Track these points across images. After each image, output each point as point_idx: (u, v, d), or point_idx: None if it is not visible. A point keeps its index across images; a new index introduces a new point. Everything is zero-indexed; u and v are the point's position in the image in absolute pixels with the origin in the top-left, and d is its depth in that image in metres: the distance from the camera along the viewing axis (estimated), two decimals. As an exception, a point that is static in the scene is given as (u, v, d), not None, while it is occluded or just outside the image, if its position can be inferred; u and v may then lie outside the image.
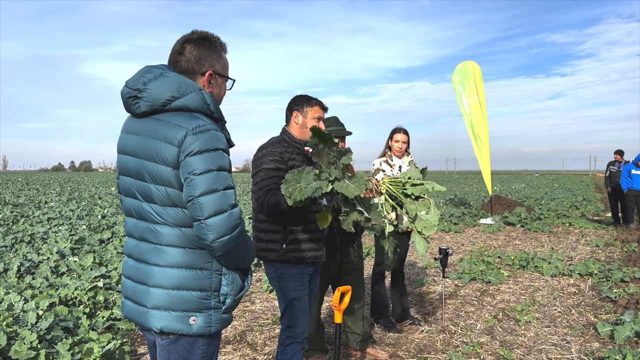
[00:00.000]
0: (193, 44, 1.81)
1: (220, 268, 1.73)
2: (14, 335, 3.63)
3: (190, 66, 1.79)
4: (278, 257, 2.70)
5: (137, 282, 1.75)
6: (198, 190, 1.59)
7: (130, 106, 1.74)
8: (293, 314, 2.73)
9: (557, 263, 6.99)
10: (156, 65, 1.79)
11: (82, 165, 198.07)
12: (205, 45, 1.82)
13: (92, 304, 4.70)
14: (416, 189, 2.72)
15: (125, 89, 1.74)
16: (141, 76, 1.73)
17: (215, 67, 1.83)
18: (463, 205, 17.05)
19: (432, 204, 2.74)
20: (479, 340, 4.19)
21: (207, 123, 1.66)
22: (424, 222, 2.70)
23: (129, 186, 1.77)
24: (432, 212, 2.73)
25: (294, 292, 2.72)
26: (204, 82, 1.81)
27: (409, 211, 2.72)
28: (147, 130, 1.70)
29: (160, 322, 1.68)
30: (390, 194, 2.78)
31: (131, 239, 1.80)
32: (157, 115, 1.71)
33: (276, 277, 2.75)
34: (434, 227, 2.71)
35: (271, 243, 2.71)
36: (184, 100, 1.69)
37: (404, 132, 4.49)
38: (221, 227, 1.60)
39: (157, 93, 1.68)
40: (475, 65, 12.81)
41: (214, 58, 1.83)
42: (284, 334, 2.76)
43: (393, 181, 2.79)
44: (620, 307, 5.00)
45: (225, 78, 1.88)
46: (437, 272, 6.78)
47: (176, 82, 1.70)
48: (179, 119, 1.66)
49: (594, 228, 11.39)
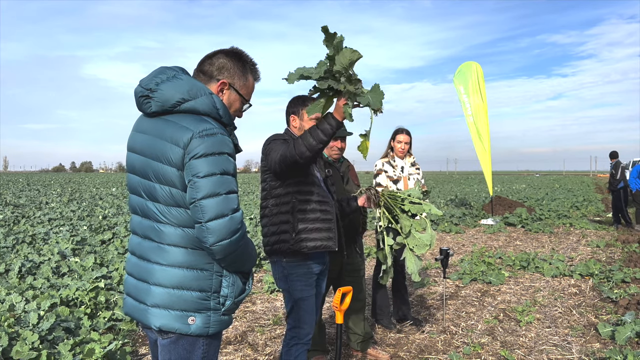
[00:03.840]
0: (224, 54, 1.85)
1: (221, 270, 1.73)
2: (16, 335, 3.63)
3: (211, 70, 1.83)
4: (289, 248, 2.66)
5: (139, 279, 1.76)
6: (200, 193, 1.60)
7: (142, 105, 1.76)
8: (299, 314, 2.72)
9: (558, 264, 6.99)
10: (171, 67, 1.81)
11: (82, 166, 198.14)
12: (235, 60, 1.85)
13: (94, 304, 4.70)
14: (414, 207, 2.74)
15: (138, 88, 1.76)
16: (155, 76, 1.75)
17: (233, 80, 1.85)
18: (464, 205, 17.04)
19: (428, 224, 2.76)
20: (480, 341, 4.20)
21: (215, 127, 1.68)
22: (417, 240, 2.72)
23: (135, 184, 1.79)
24: (428, 232, 2.75)
25: (300, 292, 2.71)
26: (216, 88, 1.82)
27: (402, 227, 2.73)
28: (155, 130, 1.72)
29: (160, 320, 1.69)
30: (388, 207, 2.79)
31: (135, 236, 1.82)
32: (166, 116, 1.73)
33: (283, 277, 2.74)
34: (426, 247, 2.72)
35: (282, 234, 2.69)
36: (193, 103, 1.71)
37: (407, 133, 4.49)
38: (221, 230, 1.61)
39: (168, 94, 1.70)
40: (477, 65, 12.81)
41: (237, 73, 1.85)
42: (289, 334, 2.76)
43: (392, 195, 2.81)
44: (621, 308, 5.00)
45: (240, 96, 1.88)
46: (438, 272, 6.78)
47: (188, 84, 1.73)
48: (187, 121, 1.68)
49: (594, 229, 11.38)
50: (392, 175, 4.42)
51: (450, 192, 26.99)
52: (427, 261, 7.56)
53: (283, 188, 2.71)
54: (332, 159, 3.63)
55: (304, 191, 2.73)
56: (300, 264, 2.71)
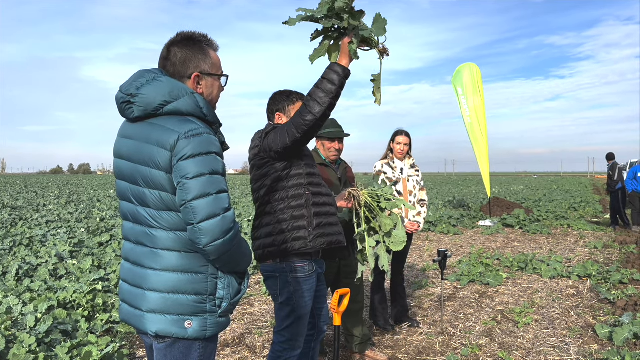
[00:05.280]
0: (177, 47, 1.79)
1: (216, 272, 1.72)
2: (13, 338, 3.62)
3: (176, 70, 1.78)
4: (305, 244, 2.50)
5: (133, 285, 1.75)
6: (191, 194, 1.58)
7: (125, 111, 1.74)
8: (298, 329, 2.59)
9: (556, 265, 7.00)
10: (149, 69, 1.78)
11: (80, 168, 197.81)
12: (190, 46, 1.79)
13: (91, 307, 4.69)
14: (388, 204, 2.74)
15: (119, 94, 1.74)
16: (134, 81, 1.72)
17: (201, 67, 1.80)
18: (462, 207, 17.05)
19: (399, 220, 2.77)
20: (478, 343, 4.20)
21: (200, 127, 1.66)
22: (394, 237, 2.73)
23: (124, 190, 1.77)
24: (399, 228, 2.76)
25: (304, 308, 2.58)
26: (192, 84, 1.79)
27: (382, 225, 2.73)
28: (140, 135, 1.70)
29: (156, 326, 1.68)
30: (369, 207, 2.78)
31: (128, 243, 1.80)
32: (150, 119, 1.71)
33: (287, 293, 2.55)
34: (402, 243, 2.72)
35: (294, 231, 2.51)
36: (176, 105, 1.69)
37: (406, 135, 4.50)
38: (214, 230, 1.59)
39: (150, 98, 1.68)
40: (475, 67, 12.83)
41: (200, 58, 1.79)
42: (282, 346, 2.61)
43: (371, 194, 2.80)
44: (619, 309, 5.01)
45: (215, 77, 1.85)
46: (436, 274, 6.78)
47: (168, 86, 1.70)
48: (172, 123, 1.66)
49: (592, 230, 11.40)
50: (391, 177, 4.42)
51: (448, 193, 27.01)
52: (425, 263, 7.56)
53: (290, 180, 2.53)
54: (330, 160, 3.63)
55: (315, 183, 2.59)
56: (306, 278, 2.57)
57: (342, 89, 2.27)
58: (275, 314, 2.68)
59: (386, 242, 2.73)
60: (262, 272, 2.65)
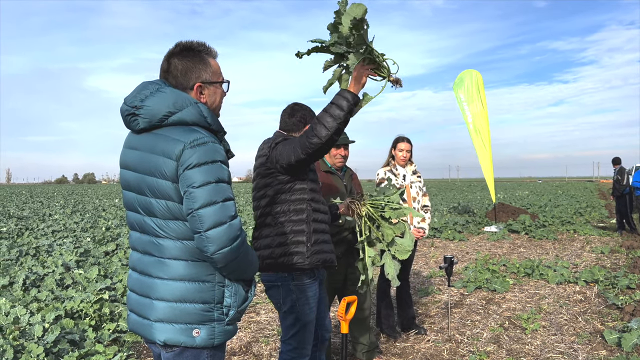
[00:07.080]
0: (177, 58, 1.80)
1: (223, 280, 1.73)
2: (21, 348, 3.64)
3: (178, 82, 1.79)
4: (303, 259, 2.51)
5: (141, 295, 1.76)
6: (197, 202, 1.60)
7: (130, 123, 1.76)
8: (304, 336, 2.61)
9: (563, 270, 6.97)
10: (153, 80, 1.80)
11: (85, 177, 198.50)
12: (189, 57, 1.80)
13: (98, 316, 4.70)
14: (394, 213, 2.70)
15: (124, 107, 1.76)
16: (138, 93, 1.74)
17: (203, 77, 1.81)
18: (467, 213, 17.01)
19: (406, 228, 2.73)
20: (486, 349, 4.18)
21: (205, 136, 1.67)
22: (398, 246, 2.70)
23: (131, 200, 1.79)
24: (407, 236, 2.73)
25: (308, 315, 2.59)
26: (195, 94, 1.80)
27: (384, 235, 2.71)
28: (146, 146, 1.72)
29: (164, 335, 1.69)
30: (370, 217, 2.76)
31: (135, 252, 1.82)
32: (155, 130, 1.72)
33: (290, 301, 2.56)
34: (407, 252, 2.69)
35: (292, 245, 2.51)
36: (180, 115, 1.70)
37: (407, 141, 4.51)
38: (221, 238, 1.60)
39: (155, 109, 1.69)
40: (476, 73, 12.86)
41: (200, 68, 1.81)
42: (289, 355, 2.62)
43: (373, 203, 2.78)
44: (627, 314, 4.97)
45: (217, 84, 1.86)
46: (443, 280, 6.76)
47: (172, 97, 1.71)
48: (177, 133, 1.67)
49: (598, 235, 11.34)
50: (394, 184, 4.42)
51: (453, 199, 26.95)
52: (432, 269, 7.54)
53: (294, 194, 2.53)
54: (336, 167, 3.64)
55: (316, 199, 2.60)
56: (309, 285, 2.58)
57: (350, 115, 2.27)
58: (281, 323, 2.68)
59: (391, 250, 2.71)
60: (263, 282, 2.66)
